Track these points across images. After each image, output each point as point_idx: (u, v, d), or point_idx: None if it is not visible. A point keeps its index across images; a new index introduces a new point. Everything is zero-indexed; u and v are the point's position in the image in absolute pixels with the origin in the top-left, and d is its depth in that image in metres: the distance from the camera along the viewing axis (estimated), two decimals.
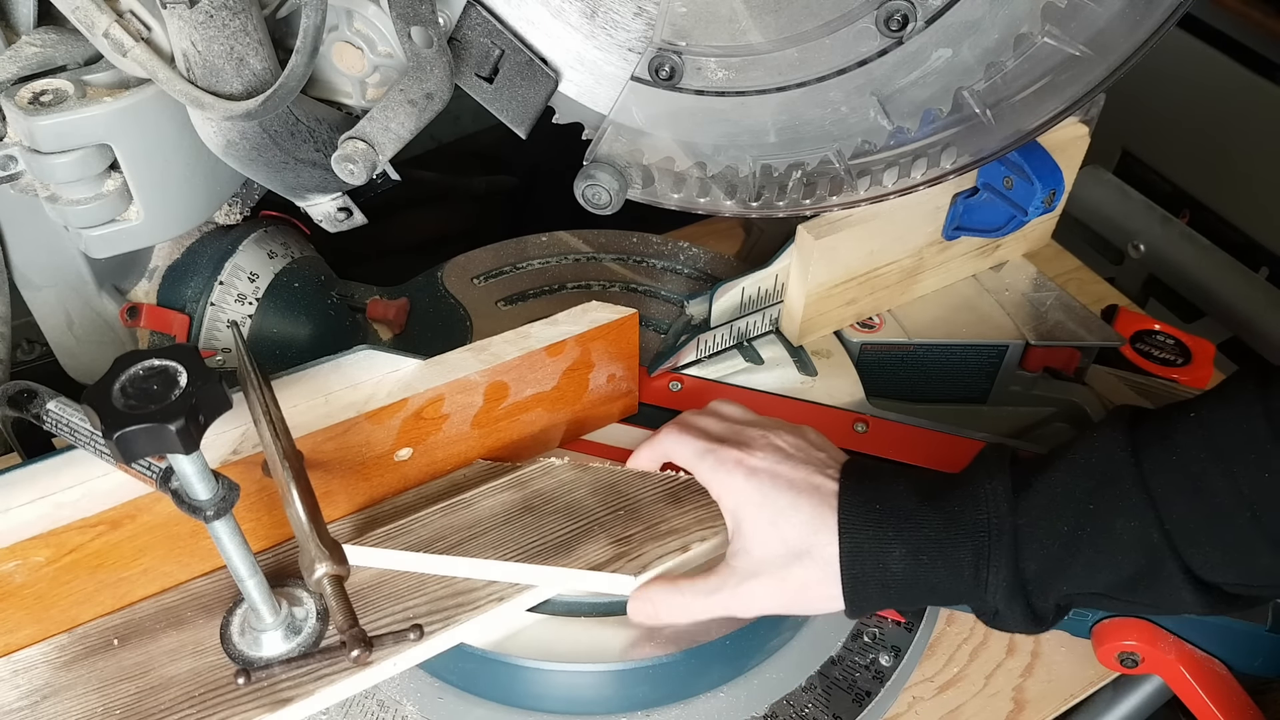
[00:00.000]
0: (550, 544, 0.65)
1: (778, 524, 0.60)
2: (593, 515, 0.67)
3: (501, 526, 0.66)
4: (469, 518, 0.67)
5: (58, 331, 0.83)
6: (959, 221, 0.83)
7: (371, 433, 0.66)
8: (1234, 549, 0.53)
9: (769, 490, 0.61)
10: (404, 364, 0.68)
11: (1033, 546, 0.57)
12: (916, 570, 0.58)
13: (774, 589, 0.61)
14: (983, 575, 0.57)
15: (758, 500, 0.61)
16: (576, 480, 0.70)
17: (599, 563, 0.64)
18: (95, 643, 0.62)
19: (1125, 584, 0.56)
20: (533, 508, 0.67)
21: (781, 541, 0.60)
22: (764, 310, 0.84)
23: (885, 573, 0.59)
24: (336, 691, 0.59)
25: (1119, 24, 0.57)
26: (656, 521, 0.67)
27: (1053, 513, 0.57)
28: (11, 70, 0.63)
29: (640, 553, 0.64)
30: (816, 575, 0.60)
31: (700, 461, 0.64)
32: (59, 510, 0.58)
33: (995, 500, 0.57)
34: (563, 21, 0.59)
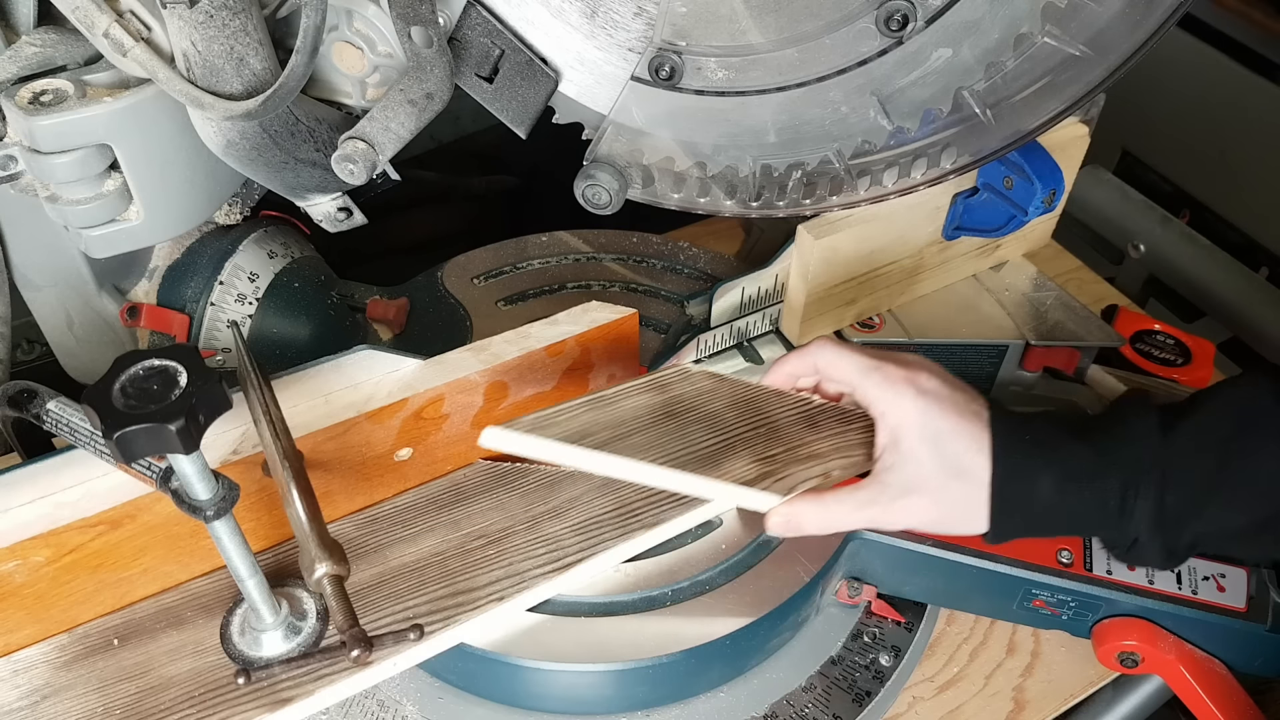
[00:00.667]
0: (697, 454, 0.64)
1: (940, 444, 0.61)
2: (734, 430, 0.66)
3: (647, 429, 0.65)
4: (614, 415, 0.65)
5: (58, 331, 0.83)
6: (959, 221, 0.83)
7: (371, 433, 0.66)
8: None
9: (936, 411, 0.62)
10: (404, 364, 0.68)
11: (1177, 482, 0.59)
12: (1062, 499, 0.60)
13: (929, 505, 0.62)
14: (1129, 506, 0.59)
15: (923, 420, 0.62)
16: (714, 390, 0.69)
17: (747, 479, 0.63)
18: (95, 643, 0.62)
19: (1257, 525, 0.59)
20: (674, 414, 0.66)
21: (943, 461, 0.61)
22: (764, 310, 0.84)
23: (1031, 499, 0.61)
24: (336, 691, 0.59)
25: (1119, 24, 0.57)
26: (796, 444, 0.66)
27: (1198, 451, 0.59)
28: (11, 70, 0.63)
29: (786, 474, 0.64)
30: (971, 496, 0.61)
31: (865, 378, 0.63)
32: (59, 510, 0.58)
33: (1145, 435, 0.60)
34: (563, 21, 0.59)
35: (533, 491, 0.70)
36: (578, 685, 0.66)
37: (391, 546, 0.67)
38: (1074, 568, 0.69)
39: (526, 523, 0.68)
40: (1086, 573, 0.68)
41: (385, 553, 0.66)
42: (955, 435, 0.61)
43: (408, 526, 0.68)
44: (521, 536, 0.67)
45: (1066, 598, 0.69)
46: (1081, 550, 0.69)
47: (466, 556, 0.66)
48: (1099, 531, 0.64)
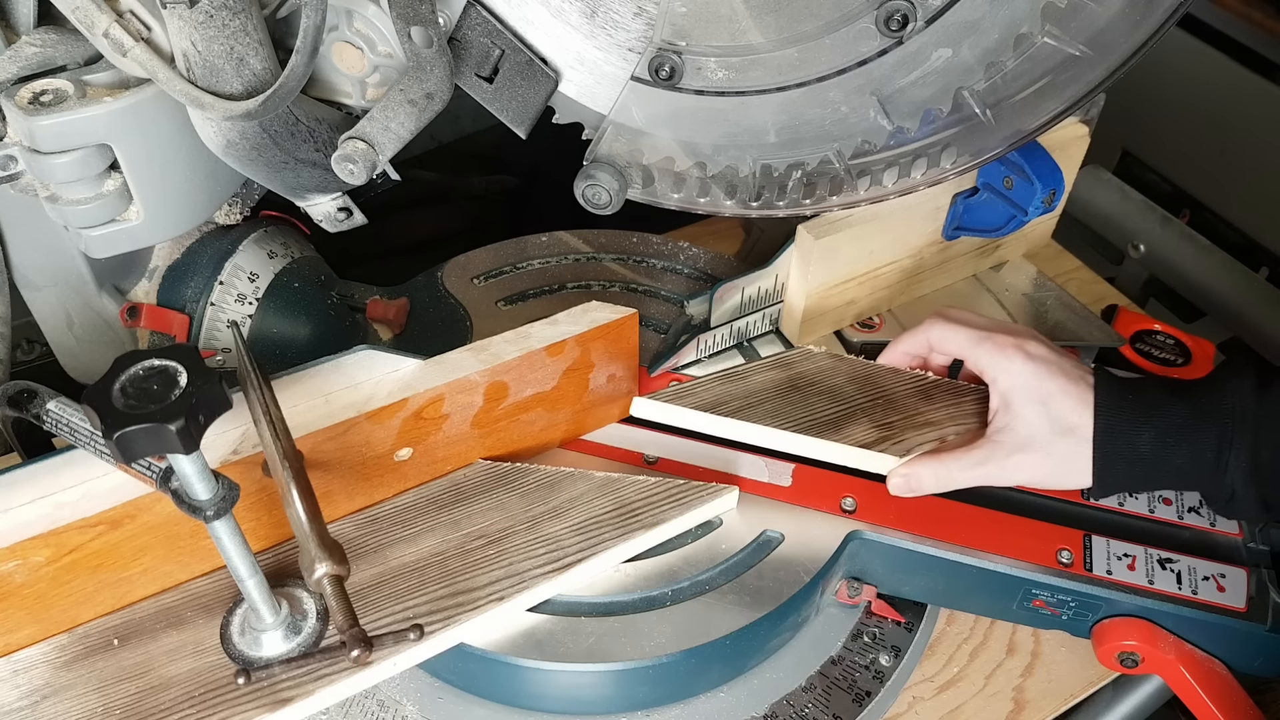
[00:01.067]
0: (820, 421, 0.72)
1: (1049, 404, 0.67)
2: (853, 401, 0.74)
3: (774, 400, 0.74)
4: (744, 388, 0.74)
5: (58, 331, 0.83)
6: (959, 221, 0.83)
7: (371, 433, 0.66)
8: None
9: (1044, 374, 0.67)
10: (404, 364, 0.68)
11: (1270, 439, 0.62)
12: (1163, 452, 0.65)
13: (1040, 461, 0.68)
14: (1224, 458, 0.63)
15: (1033, 383, 0.67)
16: (834, 368, 0.77)
17: (866, 442, 0.71)
18: (95, 643, 0.62)
19: None
20: (798, 387, 0.75)
21: (1051, 420, 0.67)
22: (764, 310, 0.84)
23: (1134, 452, 0.65)
24: (336, 691, 0.59)
25: (1119, 24, 0.57)
26: (913, 413, 0.73)
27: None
28: (11, 70, 0.63)
29: (903, 438, 0.72)
30: (1076, 452, 0.66)
31: (977, 347, 0.70)
32: (59, 510, 0.58)
33: (1241, 392, 0.63)
34: (563, 21, 0.59)
35: (533, 491, 0.70)
36: (578, 685, 0.66)
37: (391, 546, 0.67)
38: (1074, 568, 0.69)
39: (526, 523, 0.68)
40: (1086, 573, 0.68)
41: (385, 553, 0.67)
42: (1063, 396, 0.66)
43: (408, 526, 0.68)
44: (521, 536, 0.67)
45: (1066, 598, 0.69)
46: (1081, 550, 0.70)
47: (466, 556, 0.66)
48: (1198, 484, 0.67)
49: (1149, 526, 0.72)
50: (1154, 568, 0.69)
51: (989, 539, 0.70)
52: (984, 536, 0.70)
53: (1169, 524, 0.73)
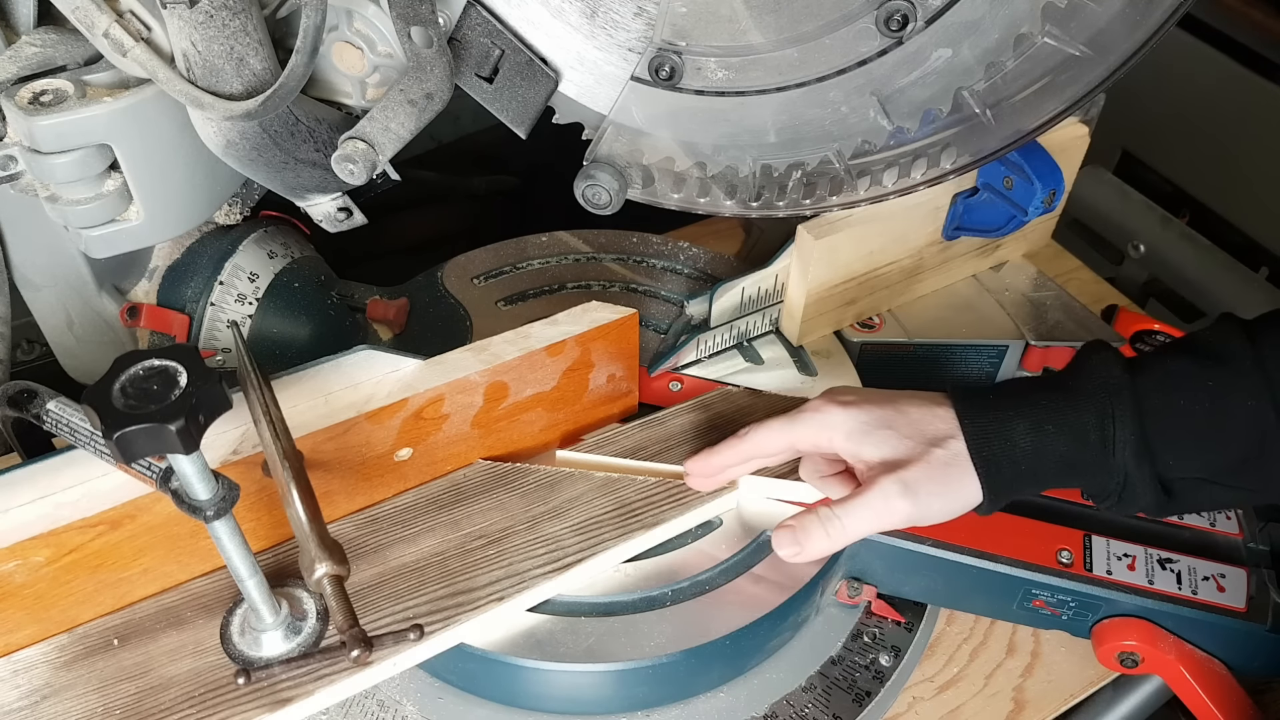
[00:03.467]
0: None
1: (895, 426, 0.62)
2: None
3: (694, 440, 0.74)
4: (664, 432, 0.75)
5: (58, 331, 0.83)
6: (959, 221, 0.83)
7: (371, 433, 0.66)
8: None
9: (869, 409, 0.63)
10: (404, 364, 0.68)
11: (1154, 411, 0.58)
12: (1042, 441, 0.60)
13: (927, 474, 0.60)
14: (1107, 433, 0.59)
15: (865, 419, 0.63)
16: (753, 406, 0.78)
17: (782, 472, 0.71)
18: (95, 643, 0.62)
19: (1235, 464, 0.58)
20: (717, 426, 0.75)
21: (913, 435, 0.61)
22: (764, 310, 0.84)
23: (1013, 449, 0.60)
24: (336, 691, 0.59)
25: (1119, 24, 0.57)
26: None
27: (1168, 386, 0.59)
28: (11, 70, 0.63)
29: None
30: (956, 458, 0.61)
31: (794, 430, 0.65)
32: (59, 510, 0.58)
33: (1108, 367, 0.60)
34: (563, 21, 0.59)
35: (533, 491, 0.70)
36: (578, 685, 0.66)
37: (391, 546, 0.67)
38: (1074, 568, 0.69)
39: (526, 523, 0.68)
40: (1086, 573, 0.68)
41: (385, 553, 0.67)
42: (907, 417, 0.62)
43: (408, 526, 0.68)
44: (521, 536, 0.67)
45: (1066, 598, 0.69)
46: (1081, 550, 0.69)
47: (466, 556, 0.66)
48: (1089, 474, 0.61)
49: (1149, 526, 0.72)
50: (1154, 568, 0.69)
51: (989, 539, 0.70)
52: (984, 536, 0.70)
53: (1169, 524, 0.73)
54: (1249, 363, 0.58)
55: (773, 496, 0.72)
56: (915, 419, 0.62)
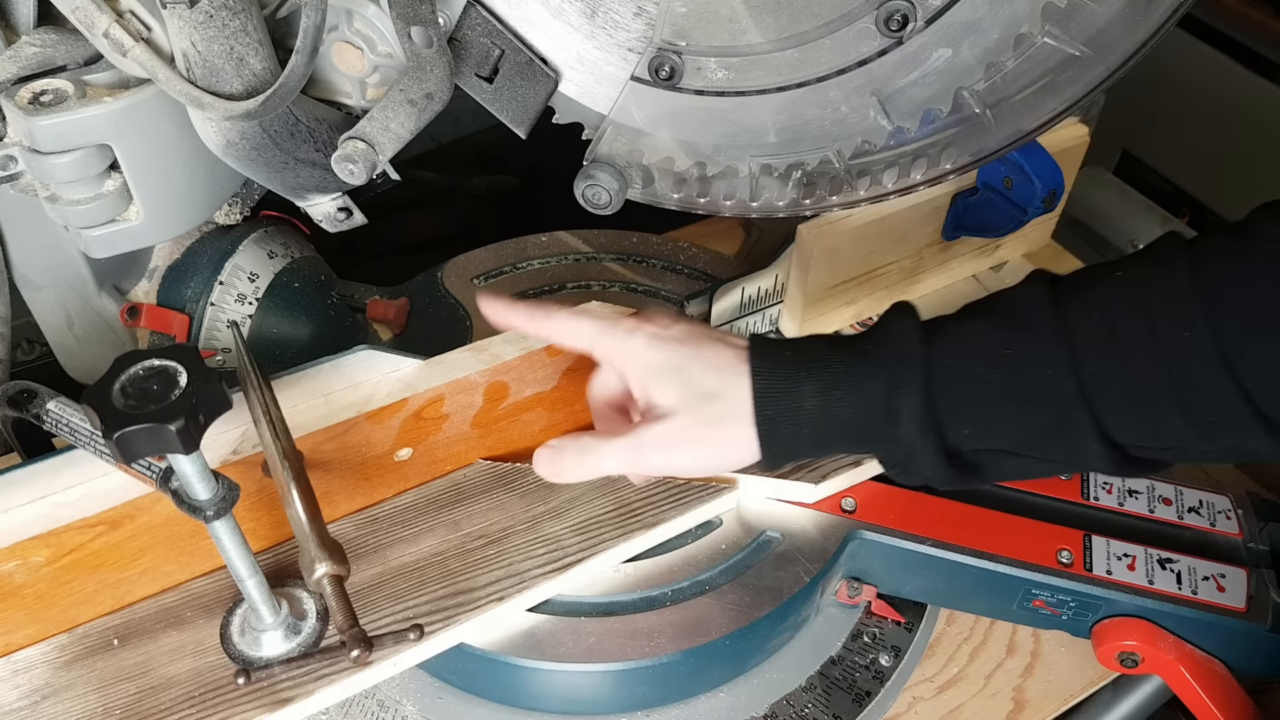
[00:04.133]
0: None
1: (685, 371, 0.59)
2: None
3: None
4: None
5: (58, 331, 0.83)
6: (959, 221, 0.83)
7: (371, 433, 0.66)
8: (1144, 407, 0.53)
9: (673, 347, 0.60)
10: (404, 364, 0.68)
11: (945, 383, 0.56)
12: (828, 405, 0.57)
13: (688, 437, 0.59)
14: (894, 405, 0.56)
15: (660, 357, 0.60)
16: None
17: (782, 471, 0.70)
18: (95, 643, 0.62)
19: (1036, 436, 0.56)
20: None
21: (691, 387, 0.59)
22: (764, 310, 0.84)
23: (798, 411, 0.58)
24: (336, 691, 0.59)
25: (1119, 24, 0.57)
26: None
27: (966, 354, 0.56)
28: (11, 70, 0.63)
29: (818, 464, 0.71)
30: (729, 420, 0.58)
31: (604, 337, 0.62)
32: (59, 510, 0.58)
33: (906, 336, 0.57)
34: (563, 21, 0.59)
35: (533, 491, 0.70)
36: (578, 685, 0.66)
37: (391, 546, 0.67)
38: (1074, 568, 0.69)
39: (526, 523, 0.68)
40: (1086, 573, 0.68)
41: (385, 553, 0.67)
42: (699, 363, 0.59)
43: (408, 526, 0.68)
44: (521, 536, 0.67)
45: (1066, 598, 0.69)
46: (1081, 550, 0.69)
47: (466, 556, 0.66)
48: (874, 442, 0.59)
49: (1149, 526, 0.72)
50: (1154, 568, 0.69)
51: (989, 539, 0.70)
52: (984, 536, 0.70)
53: (1169, 524, 0.73)
54: (1050, 330, 0.55)
55: (773, 496, 0.72)
56: (707, 366, 0.59)
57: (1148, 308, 0.53)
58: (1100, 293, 0.56)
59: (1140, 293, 0.54)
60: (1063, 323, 0.55)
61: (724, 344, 0.61)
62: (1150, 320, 0.53)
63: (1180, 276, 0.53)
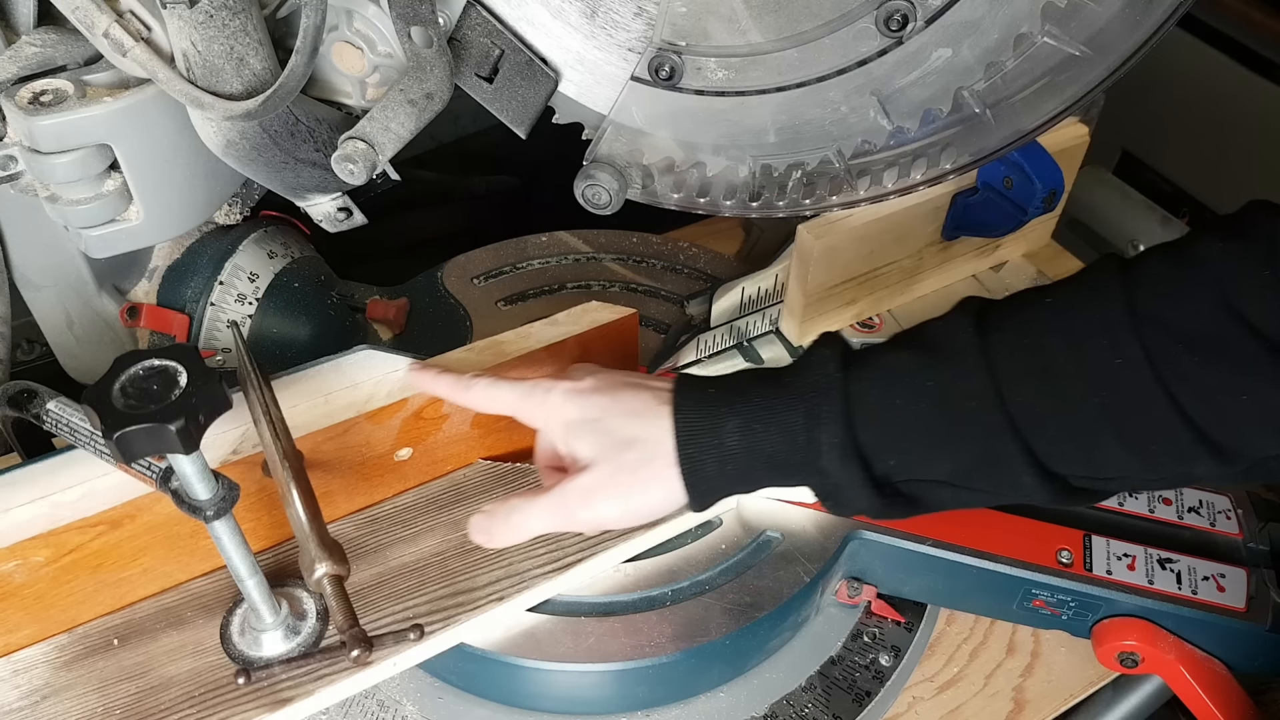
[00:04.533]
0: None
1: (603, 421, 0.59)
2: None
3: None
4: None
5: (58, 331, 0.83)
6: (959, 221, 0.83)
7: (371, 433, 0.66)
8: (1080, 437, 0.51)
9: (589, 398, 0.60)
10: (404, 364, 0.68)
11: (865, 413, 0.54)
12: (750, 441, 0.56)
13: (611, 486, 0.58)
14: (815, 435, 0.54)
15: (578, 411, 0.59)
16: None
17: None
18: (95, 643, 0.62)
19: (966, 468, 0.54)
20: None
21: (609, 435, 0.58)
22: (764, 310, 0.84)
23: (721, 448, 0.57)
24: (336, 691, 0.59)
25: (1119, 24, 0.57)
26: None
27: (886, 383, 0.55)
28: (11, 70, 0.63)
29: None
30: (649, 461, 0.57)
31: (523, 402, 0.62)
32: (59, 510, 0.58)
33: (824, 365, 0.56)
34: (563, 21, 0.59)
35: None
36: (578, 685, 0.66)
37: (391, 546, 0.67)
38: (1074, 568, 0.69)
39: None
40: (1086, 573, 0.68)
41: (385, 553, 0.67)
42: (619, 412, 0.59)
43: (408, 526, 0.68)
44: None
45: (1066, 598, 0.69)
46: (1081, 550, 0.70)
47: (466, 556, 0.66)
48: (799, 475, 0.57)
49: (1149, 526, 0.72)
50: (1154, 568, 0.69)
51: (989, 539, 0.70)
52: (984, 536, 0.70)
53: (1169, 524, 0.73)
54: (973, 358, 0.53)
55: (773, 496, 0.72)
56: (625, 413, 0.58)
57: (1079, 333, 0.51)
58: (1029, 318, 0.54)
59: (1071, 318, 0.52)
60: (988, 351, 0.53)
61: (643, 389, 0.60)
62: (1081, 346, 0.51)
63: (1114, 299, 0.51)
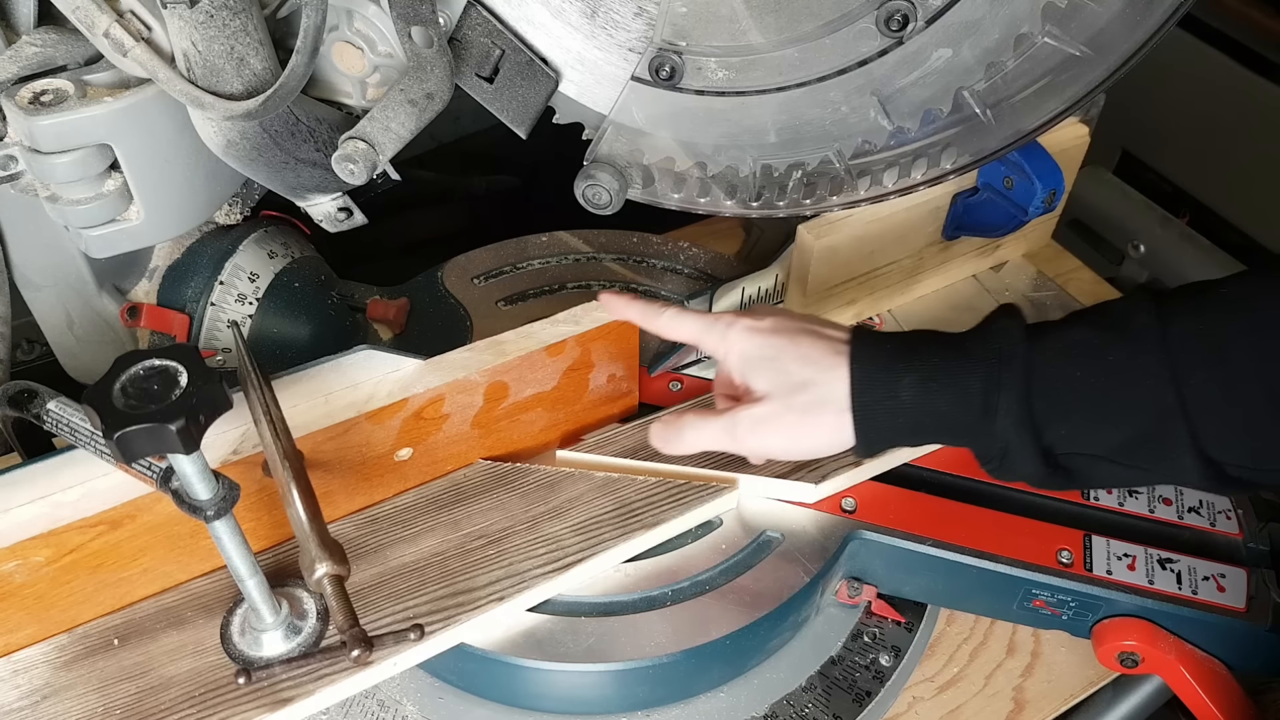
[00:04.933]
0: (736, 456, 0.71)
1: (779, 360, 0.62)
2: None
3: None
4: None
5: (58, 331, 0.83)
6: (959, 221, 0.83)
7: (371, 433, 0.66)
8: (1244, 425, 0.53)
9: (767, 338, 0.63)
10: (404, 364, 0.68)
11: (1045, 382, 0.57)
12: (925, 397, 0.59)
13: (780, 418, 0.61)
14: (992, 401, 0.57)
15: (755, 348, 0.63)
16: None
17: (782, 471, 0.71)
18: (95, 643, 0.62)
19: (1130, 444, 0.56)
20: None
21: (784, 375, 0.62)
22: None
23: (895, 400, 0.59)
24: (336, 691, 0.59)
25: (1119, 24, 0.57)
26: None
27: (1067, 356, 0.57)
28: (11, 70, 0.63)
29: (818, 464, 0.72)
30: (820, 406, 0.61)
31: (705, 334, 0.66)
32: (59, 510, 0.58)
33: (1008, 335, 0.58)
34: (563, 21, 0.59)
35: (533, 491, 0.70)
36: (578, 685, 0.66)
37: (391, 546, 0.67)
38: (1074, 568, 0.69)
39: (526, 523, 0.68)
40: (1086, 573, 0.68)
41: (385, 553, 0.67)
42: (794, 355, 0.62)
43: (408, 526, 0.68)
44: (521, 536, 0.67)
45: (1066, 598, 0.69)
46: (1081, 550, 0.70)
47: (466, 556, 0.66)
48: (970, 436, 0.60)
49: (1149, 526, 0.72)
50: (1154, 568, 0.69)
51: (989, 539, 0.70)
52: (984, 536, 0.70)
53: (1169, 524, 0.73)
54: (1153, 339, 0.55)
55: (773, 496, 0.72)
56: (799, 357, 0.62)
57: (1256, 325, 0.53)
58: (1207, 307, 0.56)
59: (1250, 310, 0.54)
60: (1165, 334, 0.55)
61: (820, 337, 0.62)
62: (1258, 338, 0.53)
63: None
